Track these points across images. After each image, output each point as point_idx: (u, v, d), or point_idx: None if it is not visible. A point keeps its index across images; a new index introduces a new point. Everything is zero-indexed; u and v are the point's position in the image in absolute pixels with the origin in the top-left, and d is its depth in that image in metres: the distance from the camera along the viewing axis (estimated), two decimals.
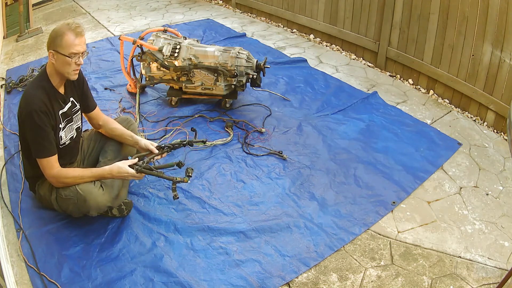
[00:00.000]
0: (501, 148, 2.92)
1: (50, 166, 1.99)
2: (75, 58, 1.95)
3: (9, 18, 5.18)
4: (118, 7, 6.27)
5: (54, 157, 2.00)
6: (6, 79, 3.91)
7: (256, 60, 3.18)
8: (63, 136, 2.11)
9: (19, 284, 1.91)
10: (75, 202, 2.03)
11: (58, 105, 2.06)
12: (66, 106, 2.12)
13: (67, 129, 2.14)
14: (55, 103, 2.03)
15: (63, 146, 2.13)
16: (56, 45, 1.92)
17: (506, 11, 2.80)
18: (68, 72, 1.98)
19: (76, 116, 2.23)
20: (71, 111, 2.16)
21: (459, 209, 2.40)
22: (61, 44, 1.91)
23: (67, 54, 1.92)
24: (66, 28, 1.92)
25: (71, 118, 2.17)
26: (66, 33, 1.91)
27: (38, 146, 1.97)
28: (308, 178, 2.60)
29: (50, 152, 1.98)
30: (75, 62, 1.96)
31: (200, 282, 1.93)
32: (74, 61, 1.96)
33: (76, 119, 2.22)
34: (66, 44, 1.91)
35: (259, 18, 5.65)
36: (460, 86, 3.31)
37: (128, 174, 2.04)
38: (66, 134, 2.14)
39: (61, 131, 2.09)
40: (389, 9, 3.76)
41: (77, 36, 1.94)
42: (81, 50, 1.95)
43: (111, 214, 2.24)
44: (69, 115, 2.14)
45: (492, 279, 1.96)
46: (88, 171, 2.08)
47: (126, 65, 3.48)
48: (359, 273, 2.00)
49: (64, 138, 2.13)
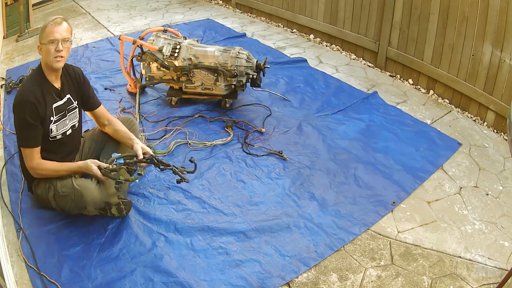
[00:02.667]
0: (501, 148, 2.92)
1: (30, 156, 2.08)
2: (54, 45, 2.01)
3: (9, 18, 5.17)
4: (118, 7, 6.27)
5: (36, 148, 2.09)
6: (6, 79, 3.91)
7: (256, 60, 3.18)
8: (54, 129, 2.15)
9: (19, 284, 1.91)
10: (72, 198, 2.07)
11: (52, 98, 2.12)
12: (61, 101, 2.17)
13: (60, 123, 2.17)
14: (48, 95, 2.10)
15: (53, 140, 2.16)
16: (40, 39, 2.04)
17: (506, 11, 2.80)
18: (50, 61, 2.05)
19: (72, 114, 2.25)
20: (65, 107, 2.20)
21: (459, 209, 2.40)
22: (42, 35, 2.03)
23: (46, 42, 2.01)
24: (48, 21, 2.05)
25: (65, 113, 2.20)
26: (47, 25, 2.04)
27: (22, 136, 2.08)
28: (308, 178, 2.60)
29: (32, 143, 2.08)
30: (55, 48, 2.02)
31: (200, 282, 1.93)
32: (54, 47, 2.01)
33: (71, 116, 2.25)
34: (46, 34, 2.02)
35: (259, 18, 5.65)
36: (460, 86, 3.31)
37: (93, 173, 2.09)
38: (57, 128, 2.17)
39: (52, 124, 2.13)
40: (389, 9, 3.76)
41: (56, 25, 2.03)
42: (58, 37, 2.02)
43: (111, 214, 2.24)
44: (63, 110, 2.18)
45: (492, 279, 1.96)
46: (64, 165, 2.15)
47: (126, 65, 3.48)
48: (359, 273, 2.00)
49: (55, 131, 2.16)
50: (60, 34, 2.02)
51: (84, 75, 2.34)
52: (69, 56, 4.33)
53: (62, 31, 2.04)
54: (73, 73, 2.26)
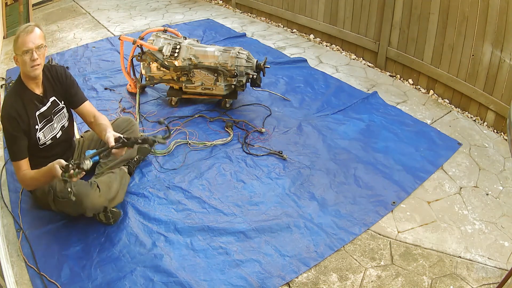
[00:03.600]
0: (501, 148, 2.92)
1: (17, 169, 2.07)
2: (28, 55, 1.97)
3: (9, 18, 5.17)
4: (118, 7, 6.27)
5: (22, 161, 2.06)
6: (6, 79, 3.91)
7: (256, 60, 3.18)
8: (41, 136, 2.13)
9: (19, 284, 1.91)
10: (72, 204, 2.03)
11: (34, 106, 2.09)
12: (45, 107, 2.14)
13: (46, 129, 2.15)
14: (30, 105, 2.07)
15: (44, 146, 2.15)
16: (14, 49, 2.00)
17: (506, 11, 2.80)
18: (28, 70, 2.02)
19: (59, 116, 2.22)
20: (51, 111, 2.17)
21: (459, 209, 2.40)
22: (16, 46, 2.00)
23: (20, 54, 1.98)
24: (19, 32, 1.99)
25: (51, 118, 2.17)
26: (19, 35, 1.98)
27: (9, 149, 2.06)
28: (308, 178, 2.60)
29: (18, 156, 2.05)
30: (30, 58, 1.98)
31: (200, 282, 1.93)
32: (29, 57, 1.98)
33: (58, 118, 2.22)
34: (19, 45, 1.97)
35: (259, 18, 5.65)
36: (460, 86, 3.31)
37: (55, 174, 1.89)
38: (45, 135, 2.15)
39: (39, 132, 2.11)
40: (389, 9, 3.76)
41: (27, 34, 1.97)
42: (31, 46, 1.97)
43: (98, 219, 2.22)
44: (47, 115, 2.15)
45: (492, 279, 1.96)
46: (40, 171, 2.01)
47: (126, 65, 3.48)
48: (359, 273, 2.00)
49: (43, 138, 2.14)
50: (33, 42, 1.96)
51: (67, 72, 2.26)
52: (69, 56, 4.39)
53: (35, 39, 1.97)
54: (55, 73, 2.20)
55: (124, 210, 2.34)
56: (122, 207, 2.35)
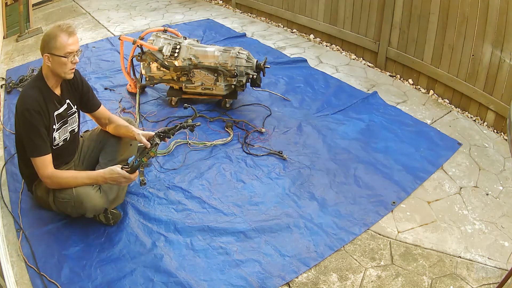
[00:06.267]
0: (501, 148, 2.92)
1: (44, 165, 2.00)
2: (70, 57, 1.97)
3: (9, 18, 5.17)
4: (118, 7, 6.27)
5: (48, 156, 2.01)
6: (6, 79, 3.91)
7: (256, 60, 3.18)
8: (57, 137, 2.12)
9: (19, 284, 1.91)
10: (72, 204, 2.04)
11: (53, 106, 2.07)
12: (62, 108, 2.13)
13: (61, 130, 2.15)
14: (50, 103, 2.05)
15: (56, 148, 2.14)
16: (51, 48, 1.95)
17: (506, 11, 2.80)
18: (65, 72, 2.01)
19: (72, 119, 2.22)
20: (66, 113, 2.17)
21: (459, 209, 2.40)
22: (55, 46, 1.94)
23: (63, 55, 1.95)
24: (58, 30, 1.95)
25: (66, 120, 2.18)
26: (59, 34, 1.94)
27: (32, 145, 1.98)
28: (308, 178, 2.60)
29: (43, 151, 1.99)
30: (71, 61, 1.99)
31: (200, 282, 1.93)
32: (70, 60, 1.98)
33: (71, 122, 2.22)
34: (60, 45, 1.94)
35: (259, 18, 5.65)
36: (460, 86, 3.31)
37: (119, 174, 2.02)
38: (60, 136, 2.14)
39: (55, 132, 2.10)
40: (389, 9, 3.76)
41: (70, 36, 1.96)
42: (75, 48, 1.98)
43: (98, 220, 2.22)
44: (64, 116, 2.15)
45: (492, 279, 1.96)
46: (83, 173, 2.08)
47: (126, 65, 3.48)
48: (359, 273, 2.00)
49: (58, 139, 2.14)
50: (76, 45, 1.98)
51: (82, 77, 2.29)
52: None
53: (77, 42, 1.99)
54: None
55: (124, 210, 2.34)
56: (122, 207, 2.35)
